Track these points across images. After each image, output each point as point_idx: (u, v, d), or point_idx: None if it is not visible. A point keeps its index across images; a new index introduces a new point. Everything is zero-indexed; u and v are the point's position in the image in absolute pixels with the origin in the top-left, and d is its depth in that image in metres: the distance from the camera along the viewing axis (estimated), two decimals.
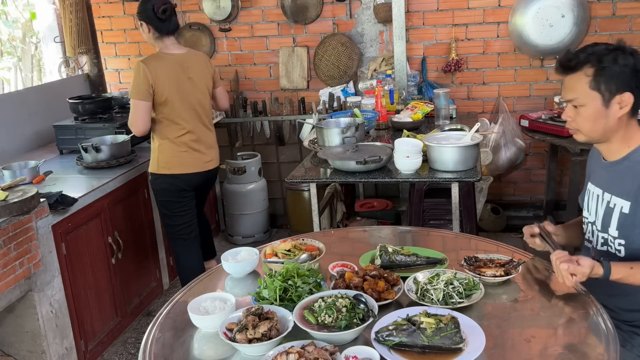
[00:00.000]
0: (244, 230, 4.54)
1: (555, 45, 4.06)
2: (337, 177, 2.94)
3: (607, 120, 1.74)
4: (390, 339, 1.44)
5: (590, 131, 1.79)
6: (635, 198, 1.72)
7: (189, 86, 3.17)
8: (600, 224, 1.86)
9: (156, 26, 3.13)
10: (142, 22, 3.16)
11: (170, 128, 3.16)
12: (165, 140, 3.18)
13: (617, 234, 1.80)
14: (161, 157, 3.19)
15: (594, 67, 1.71)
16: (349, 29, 4.42)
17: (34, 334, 2.72)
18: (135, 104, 3.05)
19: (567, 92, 1.79)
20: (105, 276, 3.19)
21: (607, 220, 1.83)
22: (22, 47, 5.25)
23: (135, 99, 3.05)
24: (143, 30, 3.20)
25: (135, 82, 3.05)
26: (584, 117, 1.77)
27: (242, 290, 1.87)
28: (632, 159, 1.77)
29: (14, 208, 2.45)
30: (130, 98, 3.09)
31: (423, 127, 3.63)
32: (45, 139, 3.99)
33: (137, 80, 3.04)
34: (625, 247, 1.78)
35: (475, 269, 1.80)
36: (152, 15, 3.10)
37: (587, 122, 1.77)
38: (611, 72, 1.70)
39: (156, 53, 3.18)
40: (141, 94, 3.04)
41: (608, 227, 1.82)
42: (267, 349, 1.45)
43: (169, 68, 3.11)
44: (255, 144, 4.76)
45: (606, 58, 1.70)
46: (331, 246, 2.10)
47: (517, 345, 1.51)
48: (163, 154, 3.19)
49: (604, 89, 1.71)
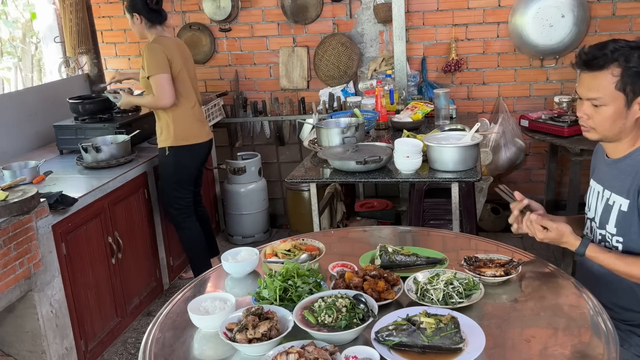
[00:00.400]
0: (244, 230, 4.54)
1: (555, 45, 4.06)
2: (337, 177, 2.94)
3: (625, 120, 1.72)
4: (390, 339, 1.44)
5: (607, 131, 1.75)
6: (635, 196, 1.72)
7: (189, 63, 3.53)
8: (599, 220, 1.87)
9: (149, 17, 3.38)
10: (134, 14, 3.36)
11: (182, 101, 3.43)
12: (178, 113, 3.42)
13: (615, 231, 1.80)
14: (177, 129, 3.43)
15: (622, 67, 1.66)
16: (349, 29, 4.42)
17: (34, 334, 2.72)
18: (159, 78, 3.29)
19: (589, 90, 1.72)
20: (105, 276, 3.19)
21: (605, 217, 1.83)
22: (22, 47, 5.25)
23: (158, 74, 3.29)
24: (134, 22, 3.40)
25: (153, 60, 3.28)
26: (604, 117, 1.72)
27: (242, 290, 1.87)
28: (634, 157, 1.76)
29: (14, 208, 2.45)
30: (150, 76, 3.30)
31: (423, 127, 3.63)
32: (45, 139, 3.99)
33: (155, 57, 3.28)
34: (623, 244, 1.78)
35: (475, 269, 1.80)
36: (143, 7, 3.36)
37: (607, 122, 1.73)
38: (638, 72, 1.66)
39: (158, 37, 3.40)
40: (162, 67, 3.29)
41: (606, 224, 1.83)
42: (267, 349, 1.45)
43: (174, 46, 3.41)
44: (255, 144, 4.76)
45: (633, 57, 1.65)
46: (331, 246, 2.09)
47: (517, 345, 1.51)
48: (179, 127, 3.43)
49: (629, 89, 1.67)
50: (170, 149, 3.45)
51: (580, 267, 1.98)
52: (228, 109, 4.61)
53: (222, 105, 4.51)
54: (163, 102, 3.33)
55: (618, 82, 1.67)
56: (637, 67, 1.65)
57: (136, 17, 3.37)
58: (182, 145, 3.45)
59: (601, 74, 1.69)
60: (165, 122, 3.43)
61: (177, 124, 3.42)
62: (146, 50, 3.32)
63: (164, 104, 3.34)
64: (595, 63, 1.69)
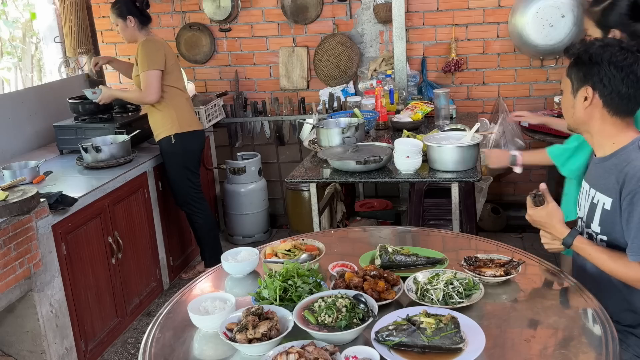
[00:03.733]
0: (244, 230, 4.54)
1: (555, 45, 4.06)
2: (337, 177, 2.94)
3: (574, 110, 1.79)
4: (390, 339, 1.44)
5: (568, 118, 1.85)
6: (617, 195, 1.72)
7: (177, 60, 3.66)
8: (585, 219, 1.88)
9: (141, 18, 3.49)
10: (128, 17, 3.44)
11: (177, 93, 3.55)
12: (179, 102, 3.55)
13: (599, 229, 1.81)
14: (181, 117, 3.54)
15: (574, 56, 1.76)
16: (349, 29, 4.42)
17: (34, 334, 2.72)
18: (151, 74, 3.37)
19: None
20: (105, 276, 3.19)
21: (590, 216, 1.84)
22: (22, 47, 5.25)
23: (151, 70, 3.37)
24: (127, 26, 3.48)
25: (149, 55, 3.37)
26: (563, 102, 1.86)
27: (242, 290, 1.87)
28: (619, 157, 1.76)
29: (14, 208, 2.45)
30: (142, 71, 3.37)
31: (423, 127, 3.63)
32: (45, 139, 3.99)
33: (152, 52, 3.38)
34: (608, 243, 1.79)
35: (475, 269, 1.80)
36: (134, 9, 3.46)
37: (563, 107, 1.86)
38: (582, 62, 1.74)
39: (150, 37, 3.52)
40: (157, 63, 3.39)
41: (591, 222, 1.84)
42: (267, 349, 1.45)
43: (165, 44, 3.55)
44: (255, 144, 4.76)
45: (591, 49, 1.73)
46: (331, 246, 2.10)
47: (517, 345, 1.51)
48: (182, 114, 3.54)
49: (574, 77, 1.77)
50: (175, 136, 3.52)
51: (577, 268, 1.98)
52: (228, 109, 4.61)
53: (222, 105, 4.51)
54: (149, 97, 3.41)
55: (567, 68, 1.79)
56: (584, 55, 1.73)
57: (130, 19, 3.45)
58: (187, 131, 3.55)
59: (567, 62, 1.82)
60: (168, 112, 3.50)
61: (180, 111, 3.53)
62: (143, 46, 3.40)
63: (149, 100, 3.43)
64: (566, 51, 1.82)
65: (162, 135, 3.54)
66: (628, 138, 1.75)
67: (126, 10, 3.44)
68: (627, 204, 1.69)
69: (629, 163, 1.70)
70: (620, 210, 1.72)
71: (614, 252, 1.73)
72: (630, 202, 1.67)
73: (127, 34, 3.51)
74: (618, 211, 1.73)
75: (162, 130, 3.54)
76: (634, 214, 1.67)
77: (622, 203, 1.71)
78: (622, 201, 1.71)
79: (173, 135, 3.52)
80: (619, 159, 1.75)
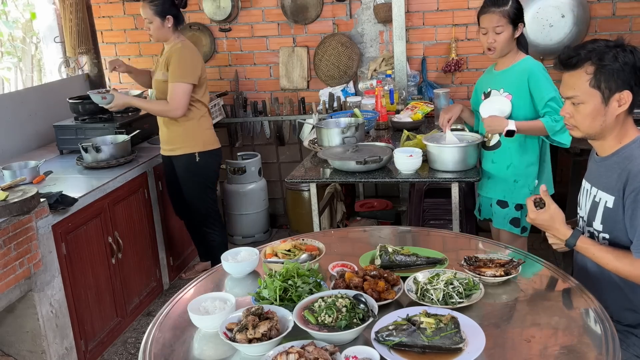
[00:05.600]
0: (244, 230, 4.54)
1: (555, 45, 4.06)
2: (337, 177, 2.94)
3: (605, 117, 1.74)
4: (390, 339, 1.44)
5: (589, 128, 1.78)
6: (620, 193, 1.73)
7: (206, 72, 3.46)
8: (587, 217, 1.88)
9: (179, 17, 3.30)
10: (167, 16, 3.23)
11: (203, 109, 3.42)
12: (203, 120, 3.42)
13: (601, 228, 1.81)
14: (205, 135, 3.44)
15: (595, 65, 1.70)
16: (349, 29, 4.42)
17: (34, 334, 2.72)
18: (182, 87, 3.20)
19: (567, 89, 1.78)
20: (105, 276, 3.19)
21: (592, 214, 1.84)
22: (22, 47, 5.25)
23: (187, 82, 3.21)
24: (163, 25, 3.25)
25: (185, 65, 3.19)
26: (583, 115, 1.76)
27: (242, 290, 1.87)
28: (621, 155, 1.77)
29: (14, 208, 2.45)
30: (173, 82, 3.19)
31: (423, 127, 3.63)
32: (45, 139, 3.99)
33: (188, 63, 3.20)
34: (610, 241, 1.79)
35: (475, 269, 1.80)
36: (174, 8, 3.26)
37: (586, 119, 1.76)
38: (612, 70, 1.68)
39: (186, 42, 3.35)
40: (192, 77, 3.22)
41: (593, 221, 1.84)
42: (267, 349, 1.45)
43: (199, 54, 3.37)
44: (255, 144, 4.76)
45: (607, 56, 1.68)
46: (331, 246, 2.10)
47: (517, 345, 1.51)
48: (206, 132, 3.44)
49: (604, 87, 1.70)
50: (200, 154, 3.41)
51: (578, 267, 1.98)
52: (228, 109, 4.61)
53: (222, 105, 4.51)
54: (175, 112, 3.24)
55: (592, 79, 1.71)
56: (610, 64, 1.68)
57: (169, 19, 3.24)
58: (210, 150, 3.45)
59: (576, 73, 1.73)
60: (191, 129, 3.37)
61: (204, 129, 3.43)
62: (180, 53, 3.21)
63: (174, 115, 3.25)
64: (569, 62, 1.74)
65: (182, 151, 3.40)
66: (630, 136, 1.76)
67: (167, 9, 3.23)
68: (630, 202, 1.69)
69: (632, 161, 1.71)
70: (624, 208, 1.72)
71: (618, 251, 1.73)
72: (634, 199, 1.67)
73: (161, 34, 3.28)
74: (621, 209, 1.73)
75: (182, 145, 3.39)
76: (638, 211, 1.67)
77: (625, 201, 1.71)
78: (625, 199, 1.71)
79: (198, 153, 3.40)
80: (621, 156, 1.76)
